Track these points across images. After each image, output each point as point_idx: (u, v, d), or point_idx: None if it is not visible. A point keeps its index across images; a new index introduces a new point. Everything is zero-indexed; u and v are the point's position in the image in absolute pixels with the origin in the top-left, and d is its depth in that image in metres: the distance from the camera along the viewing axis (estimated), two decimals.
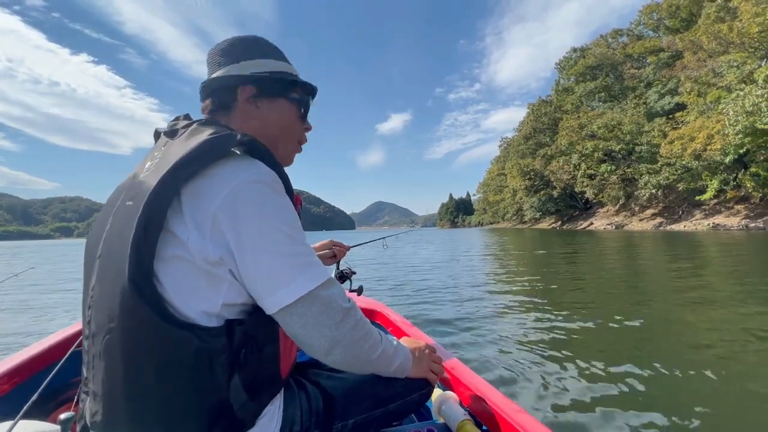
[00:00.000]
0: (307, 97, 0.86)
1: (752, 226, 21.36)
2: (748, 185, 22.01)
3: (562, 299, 4.48)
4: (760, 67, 21.89)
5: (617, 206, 38.04)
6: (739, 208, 24.34)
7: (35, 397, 0.74)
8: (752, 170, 21.75)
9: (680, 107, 30.72)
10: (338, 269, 1.56)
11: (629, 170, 34.22)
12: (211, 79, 0.79)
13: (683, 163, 25.75)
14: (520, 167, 52.78)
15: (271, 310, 0.61)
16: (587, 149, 37.66)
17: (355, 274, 1.61)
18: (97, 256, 0.64)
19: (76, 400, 0.95)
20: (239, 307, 0.64)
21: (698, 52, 27.75)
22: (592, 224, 38.96)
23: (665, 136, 28.82)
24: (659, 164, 29.16)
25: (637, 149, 32.98)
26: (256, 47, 0.82)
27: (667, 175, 28.05)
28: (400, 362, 0.79)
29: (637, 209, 34.49)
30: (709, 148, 23.09)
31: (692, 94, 27.72)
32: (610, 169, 35.85)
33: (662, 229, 27.60)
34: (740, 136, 20.36)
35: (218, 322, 0.61)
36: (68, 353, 1.00)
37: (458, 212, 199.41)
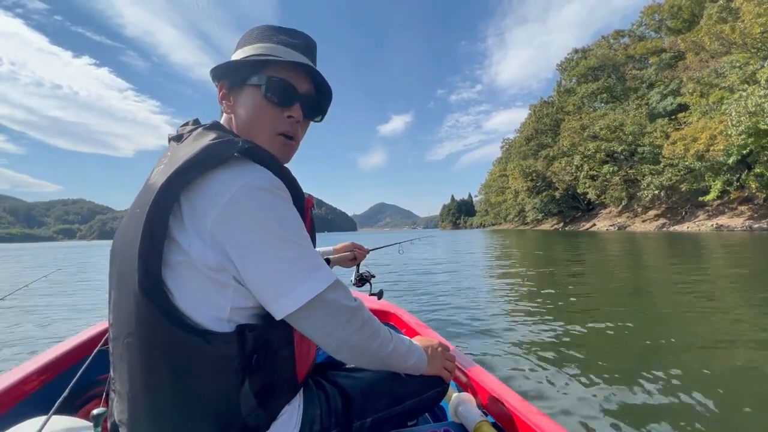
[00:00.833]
0: (278, 77, 0.72)
1: (756, 226, 21.28)
2: (752, 186, 21.94)
3: (570, 302, 4.47)
4: (762, 67, 21.84)
5: (620, 207, 37.94)
6: (742, 208, 24.25)
7: (66, 393, 0.76)
8: (756, 170, 21.68)
9: (682, 108, 30.66)
10: (358, 272, 1.57)
11: (632, 171, 34.14)
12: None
13: (686, 163, 25.70)
14: (522, 168, 52.73)
15: (278, 315, 0.62)
16: (589, 150, 37.59)
17: (374, 277, 1.61)
18: (116, 262, 0.66)
19: (104, 396, 0.98)
20: (249, 310, 0.64)
21: (700, 52, 27.68)
22: (594, 225, 38.87)
23: (668, 136, 28.77)
24: (662, 165, 29.07)
25: (639, 150, 32.90)
26: (241, 39, 0.79)
27: (669, 176, 27.97)
28: (414, 359, 0.80)
29: (639, 210, 34.39)
30: (712, 148, 23.03)
31: (695, 94, 27.67)
32: (612, 170, 35.78)
33: (665, 230, 27.51)
34: (743, 136, 20.31)
35: (229, 327, 0.62)
36: (95, 351, 1.03)
37: (460, 213, 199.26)
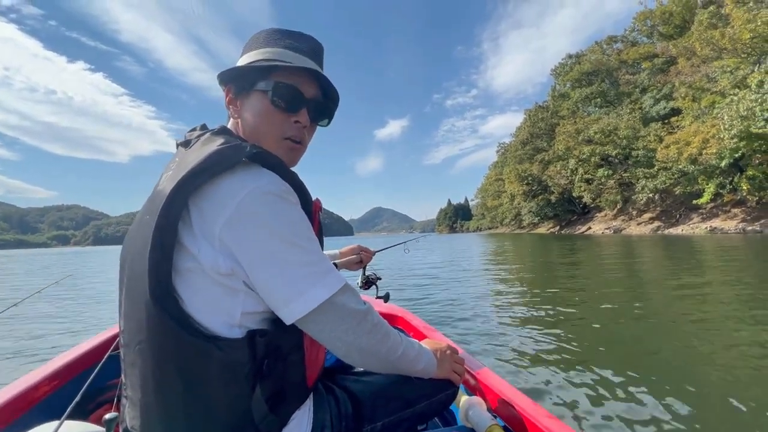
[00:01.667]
0: (286, 83, 0.72)
1: (749, 229, 21.50)
2: (744, 188, 22.19)
3: (573, 305, 4.49)
4: (752, 72, 22.20)
5: (615, 210, 38.20)
6: (736, 211, 24.50)
7: (78, 398, 0.77)
8: (748, 173, 21.94)
9: (675, 112, 31.06)
10: (364, 275, 1.56)
11: (626, 175, 34.43)
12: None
13: (679, 167, 25.96)
14: (517, 172, 53.05)
15: (288, 320, 0.62)
16: (584, 154, 37.91)
17: (380, 279, 1.60)
18: (126, 269, 0.66)
19: (116, 401, 0.98)
20: (260, 315, 0.64)
21: (692, 58, 28.13)
22: (590, 228, 39.07)
23: (661, 140, 29.09)
24: (656, 168, 29.36)
25: (633, 154, 33.22)
26: (248, 43, 0.79)
27: (663, 179, 28.25)
28: (424, 363, 0.79)
29: (634, 213, 34.64)
30: (704, 152, 23.32)
31: (687, 99, 28.05)
32: (607, 173, 36.08)
33: (660, 233, 27.71)
34: (735, 140, 20.60)
35: (240, 333, 0.61)
36: (106, 356, 1.04)
37: (457, 217, 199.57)
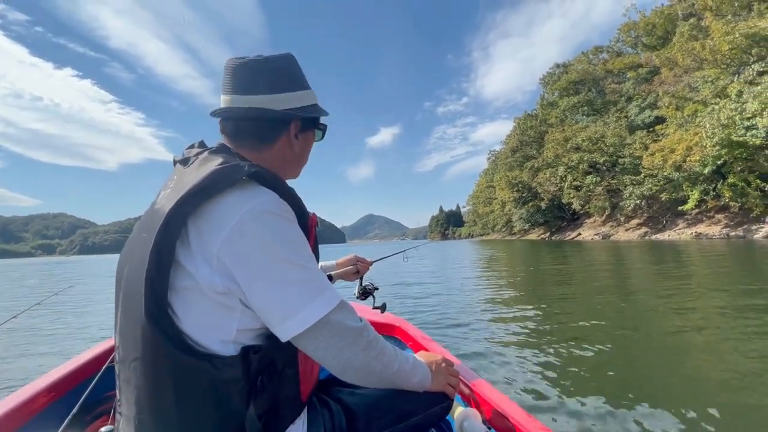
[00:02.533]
0: (324, 125, 0.89)
1: (732, 234, 21.99)
2: (726, 195, 22.73)
3: (568, 315, 4.55)
4: (732, 82, 22.91)
5: (603, 217, 38.75)
6: (719, 217, 25.05)
7: (75, 410, 0.78)
8: (730, 180, 22.50)
9: (660, 120, 31.76)
10: (361, 285, 1.55)
11: (614, 181, 35.02)
12: (261, 108, 0.75)
13: (665, 174, 26.49)
14: (508, 179, 53.56)
15: (284, 338, 0.62)
16: (572, 161, 38.50)
17: (377, 289, 1.59)
18: (121, 286, 0.66)
19: (112, 414, 1.01)
20: (255, 331, 0.65)
21: (674, 68, 28.92)
22: (579, 235, 39.54)
23: (646, 148, 29.68)
24: (642, 175, 29.91)
25: (620, 161, 33.84)
26: (297, 76, 0.80)
27: (650, 186, 28.77)
28: (419, 377, 0.80)
29: (622, 219, 35.17)
30: (688, 159, 23.84)
31: (670, 108, 28.75)
32: (595, 180, 36.66)
33: (647, 238, 28.17)
34: (717, 147, 21.12)
35: (235, 349, 0.62)
36: (103, 368, 1.06)
37: (448, 224, 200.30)
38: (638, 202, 30.95)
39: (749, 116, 19.75)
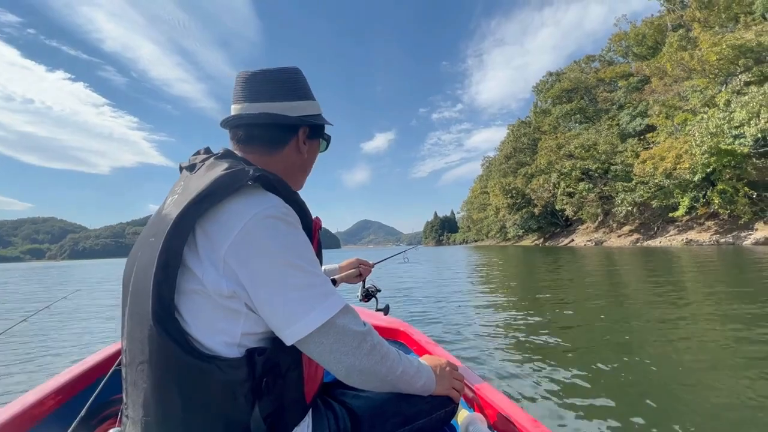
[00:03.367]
0: (328, 135, 0.94)
1: (722, 241, 22.30)
2: (716, 202, 23.10)
3: (569, 318, 4.59)
4: (720, 92, 23.42)
5: (596, 223, 39.11)
6: (709, 224, 25.41)
7: (83, 413, 0.79)
8: (719, 188, 22.87)
9: (651, 128, 32.25)
10: (364, 287, 1.55)
11: (606, 188, 35.43)
12: (272, 114, 0.78)
13: (656, 181, 26.84)
14: (502, 186, 53.93)
15: (289, 341, 0.63)
16: (565, 168, 38.93)
17: (380, 291, 1.59)
18: (129, 290, 0.67)
19: (119, 417, 1.02)
20: (259, 335, 0.66)
21: (664, 77, 29.48)
22: (573, 241, 39.83)
23: (638, 155, 30.07)
24: (634, 182, 30.28)
25: (612, 168, 34.28)
26: (304, 87, 0.85)
27: (641, 192, 29.12)
28: (423, 381, 0.80)
29: (615, 226, 35.52)
30: (678, 167, 24.20)
31: (661, 116, 29.26)
32: (587, 187, 37.05)
33: (639, 245, 28.45)
34: (706, 155, 21.49)
35: (239, 352, 0.63)
36: (110, 371, 1.07)
37: (443, 230, 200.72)
38: (630, 208, 31.30)
39: (737, 125, 20.20)
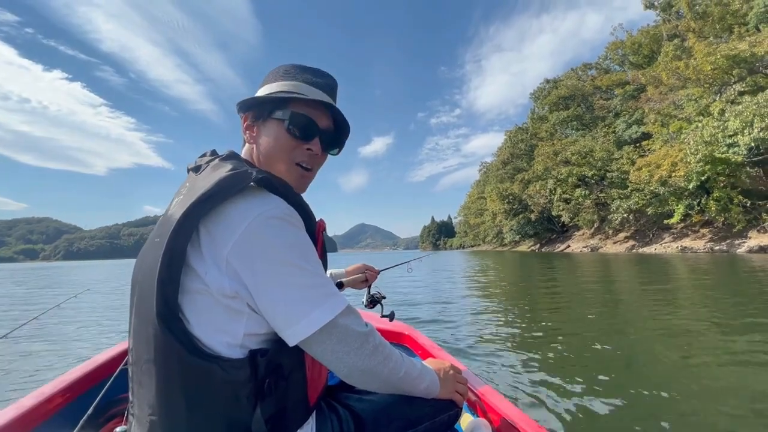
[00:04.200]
0: (301, 113, 0.77)
1: (717, 248, 22.47)
2: (712, 210, 23.28)
3: (570, 323, 4.59)
4: (715, 101, 23.70)
5: (592, 229, 39.30)
6: (704, 231, 25.60)
7: (90, 411, 0.80)
8: (714, 195, 23.07)
9: (646, 136, 32.54)
10: (369, 293, 1.54)
11: (602, 195, 35.63)
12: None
13: (651, 188, 27.03)
14: (499, 191, 54.14)
15: (291, 342, 0.63)
16: (562, 175, 39.15)
17: (385, 298, 1.58)
18: (135, 290, 0.68)
19: (125, 416, 1.03)
20: (262, 336, 0.66)
21: (659, 86, 29.81)
22: (569, 247, 39.99)
23: (633, 163, 30.30)
24: (629, 189, 30.47)
25: (608, 175, 34.50)
26: (268, 75, 0.84)
27: (636, 200, 29.31)
28: (426, 383, 0.79)
29: (610, 232, 35.71)
30: (673, 174, 24.41)
31: (656, 124, 29.54)
32: (584, 193, 37.25)
33: (635, 251, 28.61)
34: (701, 164, 21.69)
35: (242, 353, 0.63)
36: (117, 370, 1.09)
37: (440, 235, 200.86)
38: (625, 215, 31.49)
39: (731, 134, 20.41)
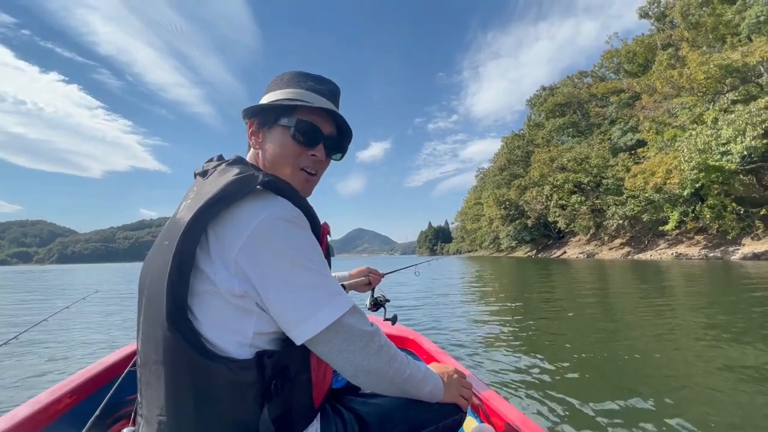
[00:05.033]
0: (306, 120, 0.80)
1: (711, 255, 22.62)
2: (706, 217, 23.47)
3: (572, 329, 4.62)
4: (708, 110, 23.99)
5: (588, 236, 39.47)
6: (698, 238, 25.78)
7: (98, 412, 0.80)
8: (708, 203, 23.27)
9: (641, 143, 32.82)
10: (373, 296, 1.56)
11: (598, 201, 35.85)
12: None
13: (646, 195, 27.23)
14: (495, 197, 54.32)
15: (298, 341, 0.64)
16: (558, 181, 39.38)
17: (389, 302, 1.59)
18: (144, 292, 0.70)
19: (132, 417, 1.03)
20: (271, 335, 0.68)
21: (654, 94, 30.14)
22: (565, 253, 40.11)
23: (629, 170, 30.54)
24: (624, 196, 30.68)
25: (604, 182, 34.74)
26: (272, 82, 0.86)
27: (632, 206, 29.50)
28: (430, 386, 0.79)
29: (606, 239, 35.89)
30: (668, 182, 24.61)
31: (651, 132, 29.83)
32: (580, 200, 37.46)
33: (630, 258, 28.74)
34: (695, 171, 21.88)
35: (250, 353, 0.65)
36: (125, 371, 1.10)
37: (437, 240, 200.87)
38: (621, 222, 31.67)
39: (724, 142, 20.65)
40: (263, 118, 0.81)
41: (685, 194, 23.68)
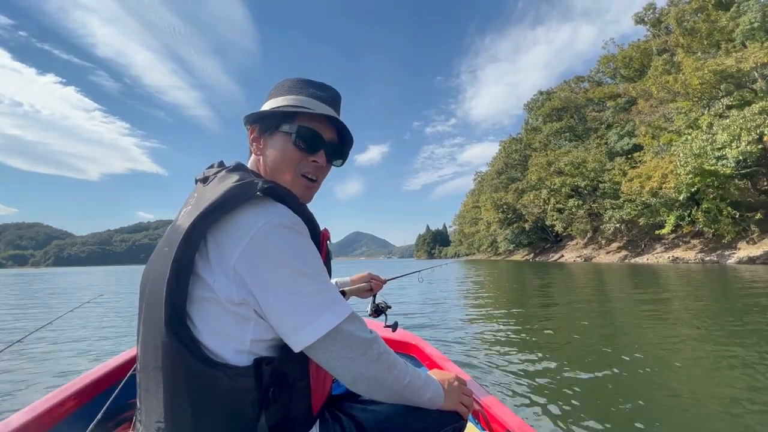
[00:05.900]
0: (307, 127, 0.80)
1: (707, 259, 22.72)
2: (701, 221, 23.60)
3: (573, 334, 4.65)
4: (703, 114, 24.20)
5: (585, 239, 39.58)
6: (695, 242, 25.90)
7: (99, 416, 0.82)
8: (704, 207, 23.39)
9: (638, 148, 33.01)
10: (374, 303, 1.54)
11: (595, 205, 35.98)
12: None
13: (642, 199, 27.34)
14: (493, 200, 54.43)
15: (297, 348, 0.64)
16: (555, 185, 39.52)
17: (390, 308, 1.58)
18: (144, 298, 0.71)
19: (133, 422, 1.05)
20: (268, 342, 0.68)
21: (650, 99, 30.40)
22: (562, 257, 40.18)
23: (625, 174, 30.67)
24: (621, 200, 30.79)
25: (601, 186, 34.88)
26: (274, 89, 0.86)
27: (629, 210, 29.61)
28: (430, 393, 0.78)
29: (603, 242, 35.97)
30: (664, 186, 24.74)
31: (647, 136, 30.04)
32: (577, 203, 37.58)
33: (627, 261, 28.81)
34: (690, 175, 22.03)
35: (248, 360, 0.64)
36: (127, 376, 1.11)
37: (435, 243, 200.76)
38: (618, 225, 31.77)
39: (719, 147, 20.82)
40: (265, 124, 0.82)
41: (681, 198, 23.78)
